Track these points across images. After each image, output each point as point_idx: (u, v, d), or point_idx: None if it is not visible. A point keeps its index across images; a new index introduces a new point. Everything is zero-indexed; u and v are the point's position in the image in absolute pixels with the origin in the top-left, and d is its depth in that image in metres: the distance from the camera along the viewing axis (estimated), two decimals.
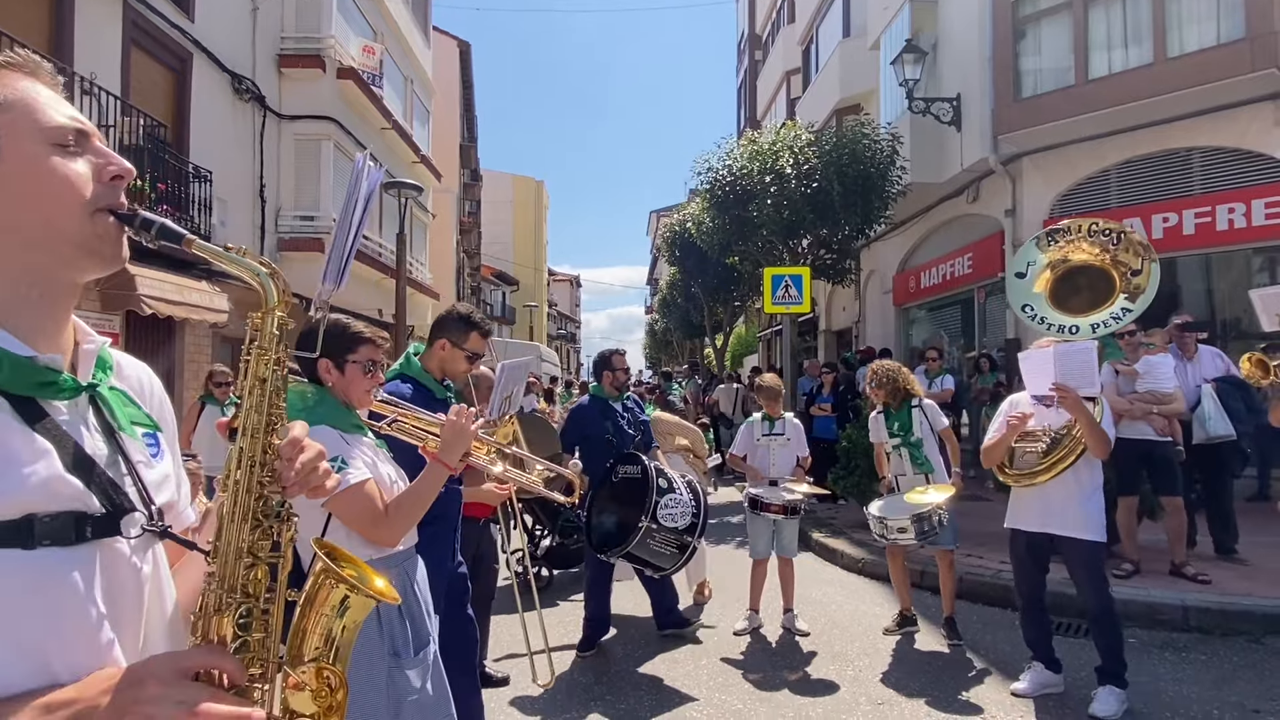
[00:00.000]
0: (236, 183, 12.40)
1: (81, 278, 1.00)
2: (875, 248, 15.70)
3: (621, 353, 5.37)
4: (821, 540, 7.95)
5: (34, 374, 0.92)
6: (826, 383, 11.18)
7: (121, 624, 0.95)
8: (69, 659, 0.89)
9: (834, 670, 4.72)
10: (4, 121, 0.92)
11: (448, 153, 26.20)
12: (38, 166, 0.93)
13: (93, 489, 0.93)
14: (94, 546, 0.92)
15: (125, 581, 0.96)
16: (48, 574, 0.87)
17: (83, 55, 8.77)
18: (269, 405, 1.01)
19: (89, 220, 0.95)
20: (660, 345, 35.96)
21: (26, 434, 0.89)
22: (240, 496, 0.98)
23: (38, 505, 0.87)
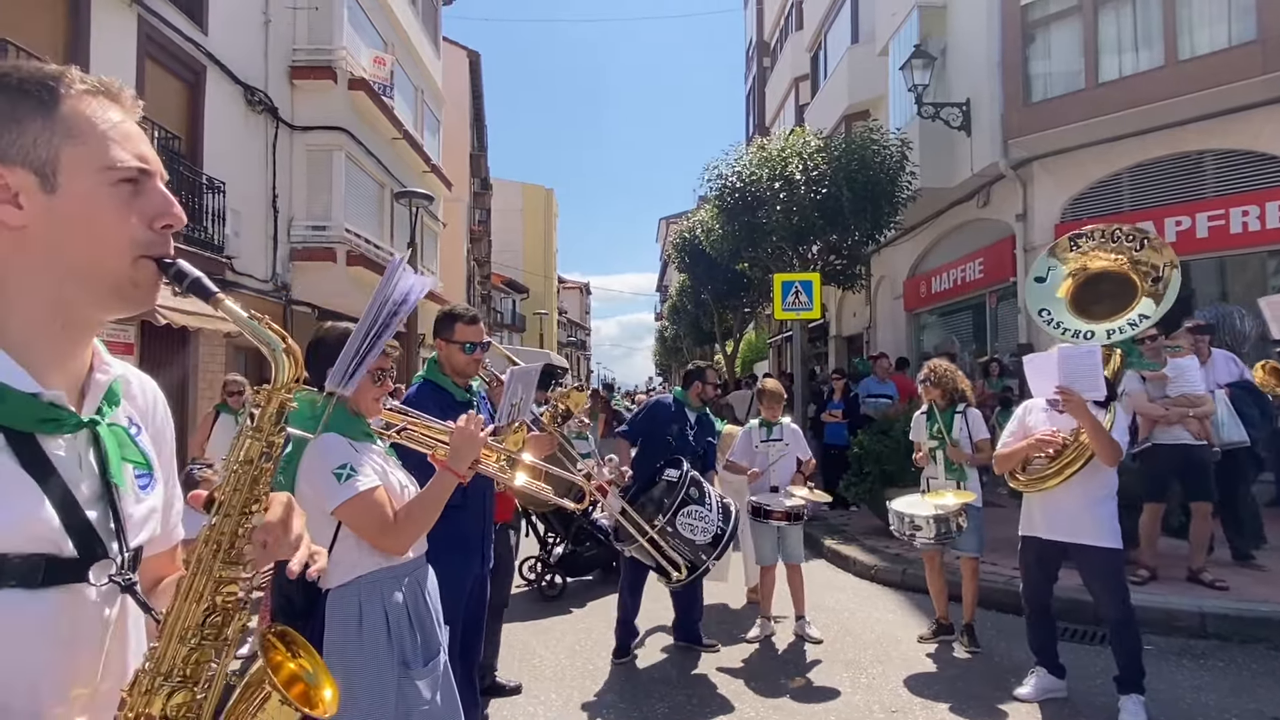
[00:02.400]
0: (250, 194, 12.50)
1: (108, 317, 1.00)
2: (886, 253, 15.66)
3: (717, 368, 5.42)
4: (834, 547, 7.91)
5: (36, 410, 0.91)
6: (837, 389, 11.14)
7: (78, 670, 0.94)
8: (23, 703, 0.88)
9: (847, 678, 4.69)
10: (71, 154, 0.91)
11: (458, 162, 26.34)
12: (93, 205, 0.92)
13: (70, 532, 0.91)
14: (60, 591, 0.90)
15: (87, 626, 0.94)
16: (8, 615, 0.86)
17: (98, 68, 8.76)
18: (251, 489, 1.00)
19: (131, 265, 0.94)
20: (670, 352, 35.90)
21: (16, 471, 0.88)
22: (199, 576, 0.97)
23: (11, 545, 0.86)
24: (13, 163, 0.90)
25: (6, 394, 0.88)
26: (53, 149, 0.91)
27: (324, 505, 2.15)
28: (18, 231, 0.90)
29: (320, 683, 1.11)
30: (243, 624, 1.01)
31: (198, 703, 0.95)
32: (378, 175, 16.04)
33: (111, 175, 0.93)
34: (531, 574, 6.84)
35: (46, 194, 0.91)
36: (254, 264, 12.58)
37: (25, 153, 0.90)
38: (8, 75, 0.92)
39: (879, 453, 8.03)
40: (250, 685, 1.02)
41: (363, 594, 2.21)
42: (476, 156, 31.95)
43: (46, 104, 0.91)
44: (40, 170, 0.90)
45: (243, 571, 1.00)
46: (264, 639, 1.07)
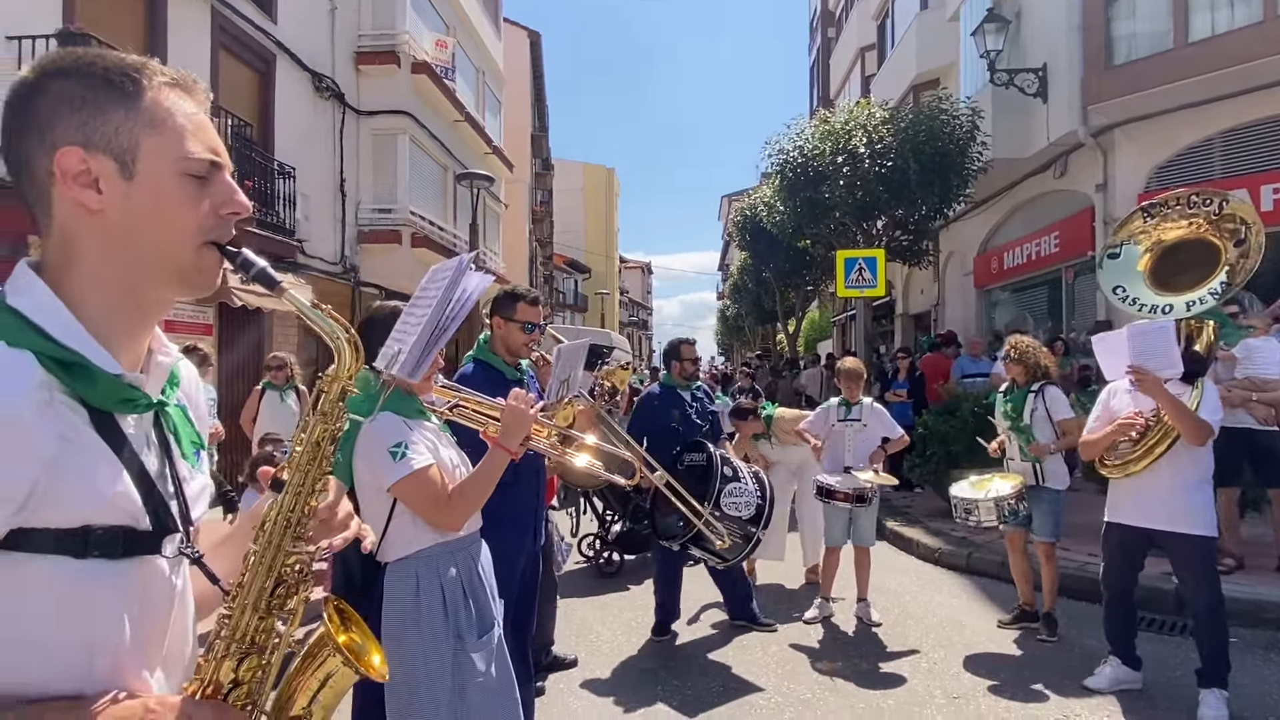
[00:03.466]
0: (318, 178, 12.86)
1: (173, 300, 1.05)
2: (955, 228, 15.14)
3: (691, 342, 5.34)
4: (896, 529, 7.75)
5: (118, 391, 0.95)
6: (902, 368, 10.87)
7: (151, 635, 1.00)
8: (106, 666, 0.93)
9: (907, 662, 4.60)
10: (150, 144, 0.95)
11: (519, 143, 26.54)
12: (166, 195, 0.96)
13: (146, 506, 0.96)
14: (137, 562, 0.95)
15: (159, 595, 1.00)
16: (92, 583, 0.91)
17: (175, 59, 9.14)
18: (317, 469, 1.04)
19: (196, 251, 0.98)
20: (732, 331, 35.69)
21: (102, 448, 0.92)
22: (269, 550, 1.02)
23: (96, 517, 0.90)
24: (95, 149, 0.93)
25: (98, 376, 0.92)
26: (133, 138, 0.94)
27: (380, 483, 2.20)
28: (97, 215, 0.94)
29: (370, 651, 1.17)
30: (306, 596, 1.06)
31: (265, 667, 1.01)
32: (440, 158, 16.28)
33: (186, 165, 0.97)
34: (590, 551, 6.91)
35: (125, 180, 0.94)
36: (323, 246, 12.96)
37: (107, 140, 0.93)
38: (94, 64, 0.95)
39: (944, 433, 7.81)
40: (310, 652, 1.09)
41: (419, 569, 2.25)
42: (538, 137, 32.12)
43: (130, 94, 0.95)
44: (120, 158, 0.94)
45: (307, 547, 1.05)
46: (326, 608, 1.13)
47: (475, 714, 2.22)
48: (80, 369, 0.91)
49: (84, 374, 0.91)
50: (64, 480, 0.87)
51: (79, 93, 0.93)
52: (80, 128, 0.93)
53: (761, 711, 3.99)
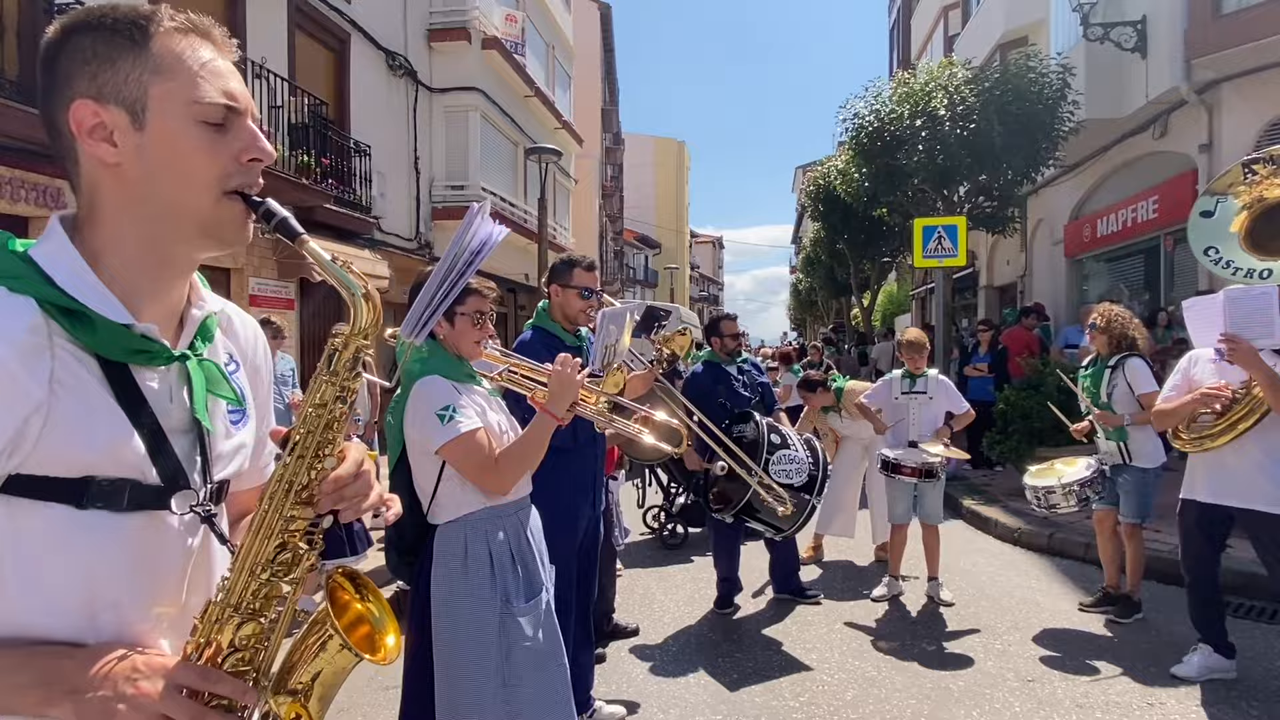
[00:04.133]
0: (393, 156, 13.13)
1: (199, 255, 1.01)
2: (1044, 194, 14.37)
3: (731, 318, 5.27)
4: (973, 508, 7.48)
5: (127, 341, 0.93)
6: (983, 341, 10.43)
7: (162, 594, 0.98)
8: (111, 621, 0.92)
9: (979, 643, 4.43)
10: (158, 91, 0.92)
11: (589, 117, 26.51)
12: (179, 143, 0.93)
13: (155, 461, 0.94)
14: (144, 516, 0.94)
15: (169, 552, 0.98)
16: (94, 535, 0.90)
17: (254, 41, 9.49)
18: (325, 431, 1.00)
19: (217, 202, 0.95)
20: (805, 306, 35.04)
21: (107, 399, 0.92)
22: (271, 513, 0.98)
23: (99, 468, 0.90)
24: (107, 101, 0.92)
25: (99, 323, 0.91)
26: (142, 86, 0.92)
27: (428, 446, 2.21)
28: (114, 168, 0.93)
29: (385, 628, 1.11)
30: (311, 563, 1.02)
31: (265, 635, 0.98)
32: (511, 134, 16.40)
33: (199, 111, 0.94)
34: (654, 523, 6.91)
35: (137, 131, 0.92)
36: (398, 223, 13.26)
37: (118, 90, 0.92)
38: (104, 16, 0.94)
39: (1027, 409, 7.48)
40: (316, 623, 1.05)
41: (468, 532, 2.26)
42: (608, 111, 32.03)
43: (137, 42, 0.93)
44: (131, 108, 0.92)
45: (311, 511, 1.01)
46: (330, 580, 1.08)
47: (522, 677, 2.22)
48: (81, 317, 0.90)
49: (85, 323, 0.91)
50: (58, 427, 0.87)
51: (91, 45, 0.92)
52: (92, 80, 0.92)
53: (824, 688, 3.91)
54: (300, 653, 1.04)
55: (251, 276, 9.74)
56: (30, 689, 0.85)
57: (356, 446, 1.09)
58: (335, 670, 1.04)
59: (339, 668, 1.05)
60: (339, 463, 1.03)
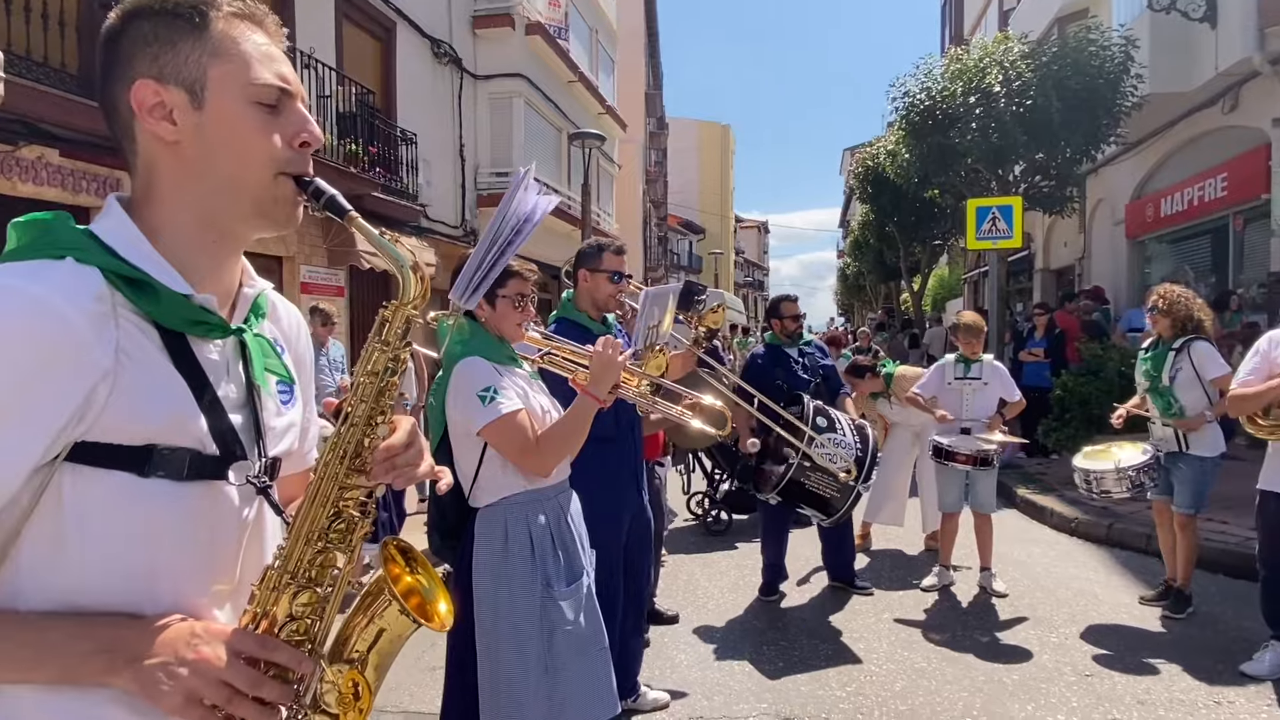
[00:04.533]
0: (439, 144, 13.22)
1: (253, 234, 1.04)
2: (1104, 173, 13.84)
3: (792, 299, 5.15)
4: (1028, 496, 7.27)
5: (187, 311, 0.95)
6: (1039, 325, 10.11)
7: (220, 565, 1.00)
8: (169, 591, 0.94)
9: (1034, 636, 4.30)
10: (217, 73, 0.96)
11: (633, 102, 26.36)
12: (236, 123, 0.96)
13: (213, 431, 0.96)
14: (202, 486, 0.95)
15: (228, 525, 0.99)
16: (155, 503, 0.91)
17: (303, 32, 9.62)
18: (377, 400, 1.01)
19: (271, 182, 0.98)
20: (852, 291, 34.48)
21: (169, 369, 0.93)
22: (325, 481, 0.99)
23: (160, 437, 0.91)
24: (167, 81, 0.95)
25: (162, 292, 0.94)
26: (201, 67, 0.96)
27: (469, 427, 2.20)
28: (173, 147, 0.97)
29: (436, 598, 1.13)
30: (366, 532, 1.03)
31: (321, 604, 0.99)
32: (555, 120, 16.39)
33: (254, 93, 0.97)
34: (699, 509, 6.88)
35: (196, 110, 0.96)
36: (444, 211, 13.37)
37: (177, 71, 0.95)
38: (165, 1, 0.97)
39: (1085, 395, 7.24)
40: (370, 593, 1.06)
41: (508, 515, 2.25)
42: (651, 95, 31.83)
43: (197, 25, 0.97)
44: (190, 88, 0.96)
45: (365, 480, 1.02)
46: (385, 550, 1.09)
47: (563, 661, 2.21)
48: (145, 286, 0.93)
49: (149, 291, 0.93)
50: (124, 395, 0.89)
51: (152, 29, 0.96)
52: (153, 61, 0.95)
53: (872, 678, 3.83)
54: (356, 622, 1.05)
55: (303, 264, 9.92)
56: (93, 657, 0.86)
57: (407, 418, 1.09)
58: (391, 638, 1.06)
59: (395, 635, 1.06)
60: (391, 432, 1.04)
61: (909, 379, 5.93)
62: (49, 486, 0.88)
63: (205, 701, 0.87)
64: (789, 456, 3.90)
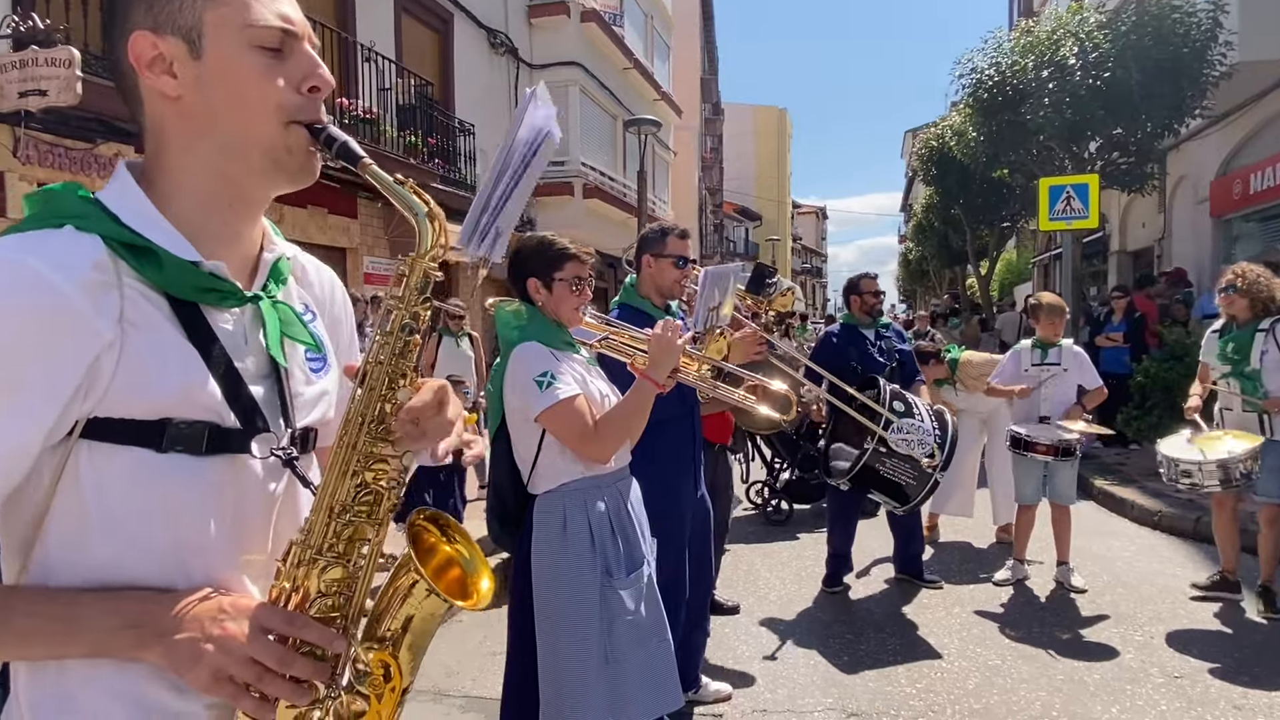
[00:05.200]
0: (496, 134, 13.28)
1: (270, 190, 0.99)
2: (1187, 148, 13.09)
3: (872, 276, 4.97)
4: (1106, 488, 6.94)
5: (196, 279, 0.91)
6: (1118, 309, 9.65)
7: (249, 540, 0.96)
8: (200, 567, 0.91)
9: (1117, 634, 4.08)
10: (213, 17, 0.90)
11: (688, 88, 26.12)
12: (237, 69, 0.91)
13: (232, 403, 0.92)
14: (225, 460, 0.92)
15: (253, 498, 0.96)
16: (175, 479, 0.88)
17: (363, 26, 9.78)
18: (396, 361, 0.95)
19: (282, 131, 0.93)
20: (915, 276, 33.56)
21: (179, 339, 0.89)
22: (347, 449, 0.93)
23: (175, 410, 0.88)
24: (164, 31, 0.90)
25: (166, 260, 0.89)
26: (196, 13, 0.90)
27: (527, 413, 2.16)
28: (175, 102, 0.91)
29: (478, 570, 1.07)
30: (394, 503, 0.97)
31: (351, 580, 0.94)
32: (610, 107, 16.33)
33: (255, 36, 0.91)
34: (758, 498, 6.77)
35: (195, 60, 0.90)
36: None
37: (173, 19, 0.90)
38: None
39: (1169, 381, 6.85)
40: (402, 567, 1.00)
41: (567, 502, 2.21)
42: (707, 81, 31.50)
43: None
44: (188, 36, 0.90)
45: (391, 449, 0.96)
46: (412, 526, 1.04)
47: (624, 652, 2.16)
48: (148, 253, 0.89)
49: (152, 259, 0.89)
50: (131, 366, 0.85)
51: None
52: (148, 11, 0.90)
53: (943, 675, 3.69)
54: (388, 599, 0.99)
55: (365, 255, 10.13)
56: (122, 632, 0.84)
57: (435, 380, 1.03)
58: (424, 617, 0.99)
59: (428, 614, 1.00)
60: (415, 393, 0.98)
61: (975, 364, 5.70)
62: (68, 464, 0.86)
63: (235, 679, 0.84)
64: (864, 441, 3.76)
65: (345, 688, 0.93)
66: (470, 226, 1.21)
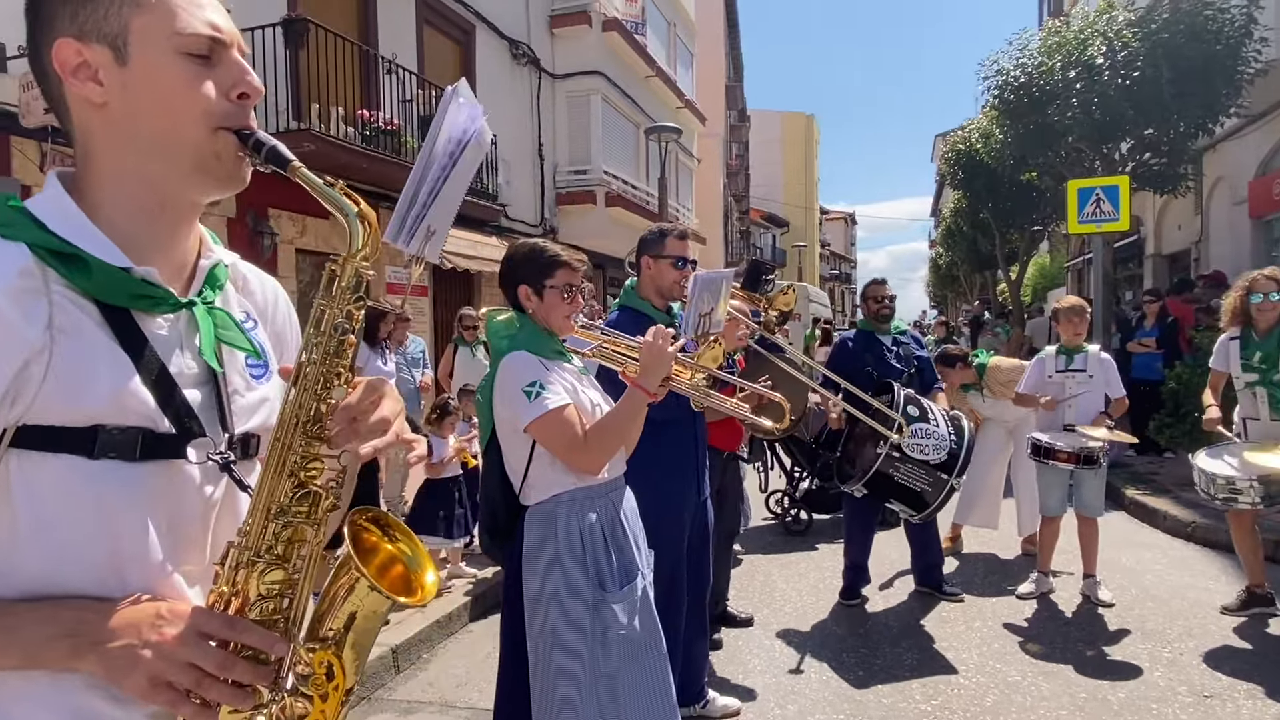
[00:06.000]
0: (517, 143, 13.37)
1: (201, 197, 0.99)
2: (1223, 148, 12.75)
3: (880, 282, 4.92)
4: (1137, 498, 6.74)
5: (127, 285, 0.90)
6: (1150, 313, 9.39)
7: (184, 546, 0.95)
8: (138, 576, 0.90)
9: (1145, 651, 3.94)
10: (139, 24, 0.89)
11: (713, 95, 26.07)
12: (164, 77, 0.90)
13: (165, 408, 0.91)
14: (159, 466, 0.91)
15: (190, 504, 0.95)
16: (109, 486, 0.87)
17: (385, 38, 9.89)
18: (330, 361, 0.94)
19: (209, 137, 0.93)
20: (945, 281, 33.11)
21: (110, 345, 0.89)
22: (283, 450, 0.93)
23: (106, 416, 0.87)
24: (89, 39, 0.90)
25: (95, 266, 0.89)
26: (122, 19, 0.90)
27: (516, 423, 2.13)
28: (102, 110, 0.91)
29: (421, 566, 1.07)
30: (332, 503, 0.97)
31: (292, 581, 0.94)
32: (632, 115, 16.34)
33: (182, 43, 0.91)
34: (777, 508, 6.67)
35: (121, 67, 0.90)
36: (524, 210, 13.52)
37: (98, 26, 0.90)
38: None
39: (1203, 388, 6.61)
40: (343, 565, 1.00)
41: (558, 513, 2.17)
42: (732, 87, 31.43)
43: None
44: (113, 43, 0.90)
45: (325, 448, 0.96)
46: (352, 525, 1.03)
47: (616, 667, 2.11)
48: (76, 260, 0.88)
49: (80, 266, 0.88)
50: (60, 373, 0.85)
51: None
52: (73, 19, 0.90)
53: (960, 691, 3.58)
54: (330, 598, 1.00)
55: (387, 265, 10.19)
56: (56, 641, 0.83)
57: (375, 378, 1.02)
58: (367, 615, 1.00)
59: (370, 611, 1.00)
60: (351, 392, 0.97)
61: (1003, 370, 5.56)
62: None
63: (174, 685, 0.83)
64: (877, 446, 3.68)
65: (289, 690, 0.92)
66: (398, 222, 1.20)
